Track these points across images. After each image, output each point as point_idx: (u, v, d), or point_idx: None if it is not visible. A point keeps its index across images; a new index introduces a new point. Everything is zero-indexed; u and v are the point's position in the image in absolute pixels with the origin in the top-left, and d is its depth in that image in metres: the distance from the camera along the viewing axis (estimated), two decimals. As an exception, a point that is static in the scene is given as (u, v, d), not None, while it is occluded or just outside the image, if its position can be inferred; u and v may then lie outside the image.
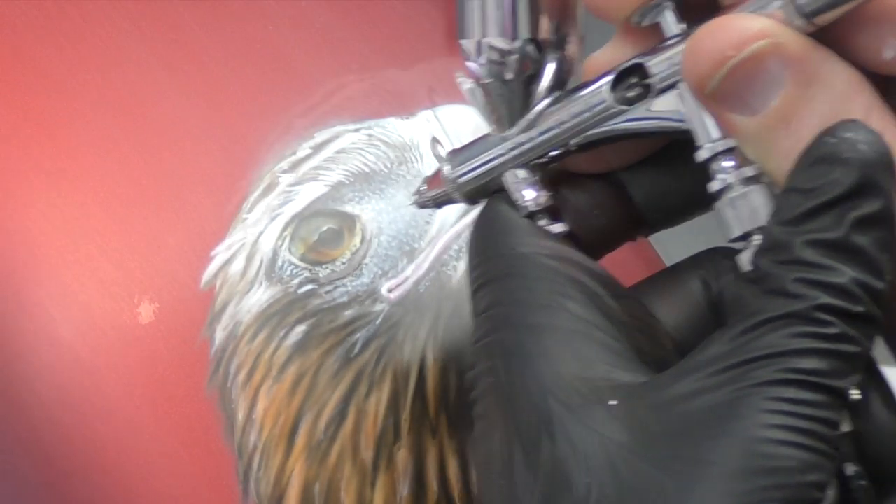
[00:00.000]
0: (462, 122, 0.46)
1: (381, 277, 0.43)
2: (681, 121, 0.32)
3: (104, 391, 0.40)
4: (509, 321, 0.32)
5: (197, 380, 0.41)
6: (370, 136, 0.46)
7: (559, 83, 0.35)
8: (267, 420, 0.41)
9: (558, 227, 0.35)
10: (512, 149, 0.35)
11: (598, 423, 0.29)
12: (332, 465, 0.41)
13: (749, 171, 0.31)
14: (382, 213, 0.44)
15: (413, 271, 0.44)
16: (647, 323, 0.35)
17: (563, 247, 0.34)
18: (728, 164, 0.31)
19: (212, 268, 0.43)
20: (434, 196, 0.38)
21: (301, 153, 0.45)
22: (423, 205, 0.38)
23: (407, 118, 0.46)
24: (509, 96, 0.35)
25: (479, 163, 0.36)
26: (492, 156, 0.36)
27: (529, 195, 0.35)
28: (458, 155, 0.36)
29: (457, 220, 0.44)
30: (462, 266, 0.44)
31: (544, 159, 0.35)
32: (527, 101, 0.35)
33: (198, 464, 0.40)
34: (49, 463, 0.40)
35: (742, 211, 0.31)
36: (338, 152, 0.45)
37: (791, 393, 0.27)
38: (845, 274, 0.28)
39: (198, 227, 0.44)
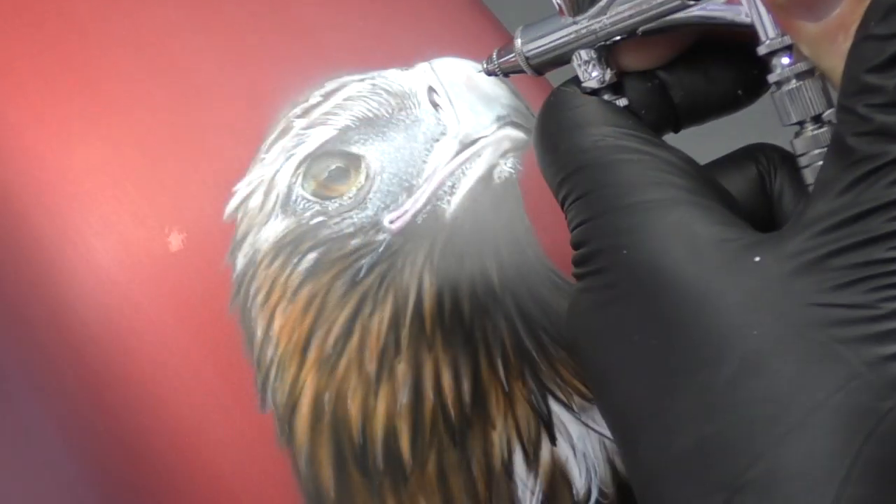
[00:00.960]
0: (455, 72, 0.45)
1: (384, 210, 0.42)
2: (741, 17, 0.31)
3: (138, 311, 0.39)
4: (620, 202, 0.30)
5: (220, 301, 0.40)
6: (374, 85, 0.44)
7: None
8: (282, 336, 0.40)
9: (622, 102, 0.34)
10: (582, 30, 0.34)
11: (751, 280, 0.28)
12: (340, 376, 0.40)
13: (804, 66, 0.31)
14: (385, 154, 0.43)
15: (412, 205, 0.43)
16: (731, 197, 0.33)
17: (641, 127, 0.32)
18: (785, 60, 0.31)
19: (234, 202, 0.42)
20: (504, 66, 0.36)
21: (312, 100, 0.44)
22: (490, 72, 0.37)
23: (406, 69, 0.45)
24: None
25: (549, 40, 0.35)
26: (562, 35, 0.34)
27: (596, 73, 0.34)
28: (529, 30, 0.35)
29: (450, 159, 0.43)
30: (456, 200, 0.43)
31: (610, 42, 0.34)
32: None
33: (221, 375, 0.39)
34: (90, 374, 0.39)
35: (798, 101, 0.31)
36: (345, 100, 0.44)
37: None
38: None
39: (221, 165, 0.42)
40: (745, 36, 0.32)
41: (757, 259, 0.28)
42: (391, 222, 0.42)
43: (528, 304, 0.43)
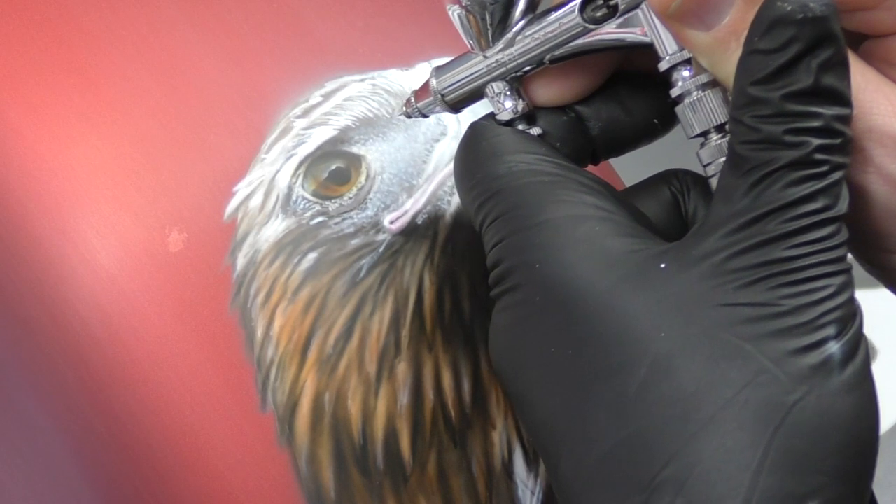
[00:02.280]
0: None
1: (384, 210, 0.42)
2: (642, 36, 0.32)
3: (138, 311, 0.39)
4: (532, 220, 0.31)
5: (221, 301, 0.40)
6: (374, 85, 0.44)
7: (532, 6, 0.34)
8: (282, 337, 0.40)
9: (536, 130, 0.35)
10: (492, 64, 0.35)
11: (657, 285, 0.29)
12: (340, 376, 0.40)
13: (704, 79, 0.31)
14: (385, 154, 0.43)
15: (412, 205, 0.43)
16: (643, 216, 0.34)
17: (555, 153, 0.33)
18: (686, 73, 0.32)
19: (234, 202, 0.42)
20: (422, 106, 0.37)
21: (313, 100, 0.44)
22: (410, 114, 0.38)
23: (406, 69, 0.45)
24: (489, 18, 0.34)
25: (462, 76, 0.36)
26: (474, 70, 0.35)
27: (509, 104, 0.35)
28: (443, 70, 0.36)
29: (450, 159, 0.43)
30: (456, 200, 0.43)
31: (521, 73, 0.35)
32: (504, 22, 0.34)
33: (221, 375, 0.39)
34: (89, 374, 0.39)
35: (700, 112, 0.32)
36: (345, 100, 0.44)
37: (810, 236, 0.27)
38: (824, 115, 0.27)
39: (221, 166, 0.42)
40: (655, 63, 0.33)
41: (662, 266, 0.29)
42: (391, 222, 0.42)
43: (528, 305, 0.43)
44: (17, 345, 0.41)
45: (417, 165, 0.43)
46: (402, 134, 0.43)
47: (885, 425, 0.87)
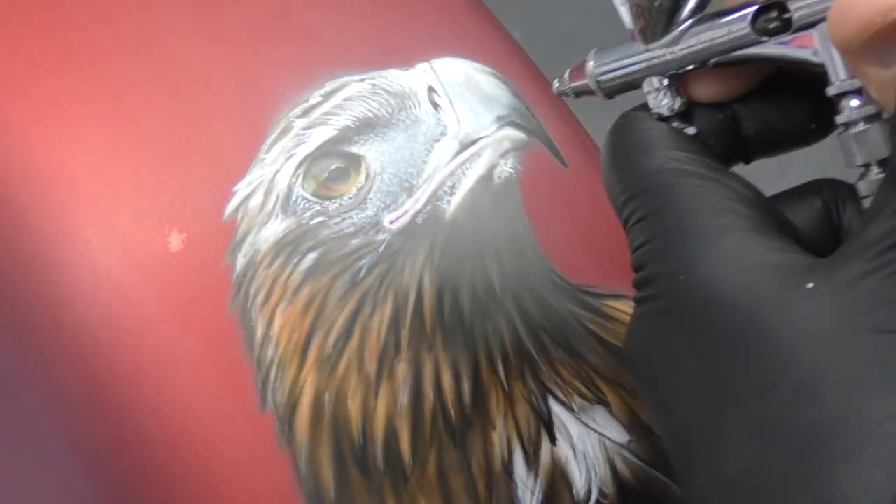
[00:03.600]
0: (455, 72, 0.44)
1: (384, 210, 0.42)
2: (813, 56, 0.32)
3: (139, 311, 0.39)
4: (679, 225, 0.31)
5: (221, 301, 0.40)
6: (374, 85, 0.44)
7: (700, 6, 0.33)
8: (282, 336, 0.40)
9: (691, 130, 0.34)
10: (654, 59, 0.34)
11: (805, 305, 0.27)
12: (340, 376, 0.40)
13: (872, 110, 0.31)
14: (385, 154, 0.43)
15: (412, 205, 0.43)
16: (793, 226, 0.33)
17: (707, 153, 0.32)
18: (854, 102, 0.31)
19: (234, 202, 0.41)
20: (575, 87, 0.36)
21: (312, 101, 0.44)
22: (562, 92, 0.37)
23: (406, 69, 0.45)
24: (657, 11, 0.33)
25: (621, 65, 0.35)
26: (635, 61, 0.35)
27: (666, 101, 0.34)
28: (602, 54, 0.35)
29: (450, 159, 0.43)
30: (456, 200, 0.43)
31: (681, 71, 0.34)
32: (670, 18, 0.33)
33: (222, 375, 0.39)
34: (89, 375, 0.39)
35: (864, 144, 0.31)
36: (345, 100, 0.44)
37: None
38: None
39: (222, 166, 0.42)
40: (817, 73, 0.32)
41: (810, 285, 0.28)
42: (391, 222, 0.42)
43: (528, 304, 0.43)
44: (17, 344, 0.41)
45: (417, 165, 0.43)
46: (401, 134, 0.43)
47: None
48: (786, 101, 0.34)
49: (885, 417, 0.26)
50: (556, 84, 0.37)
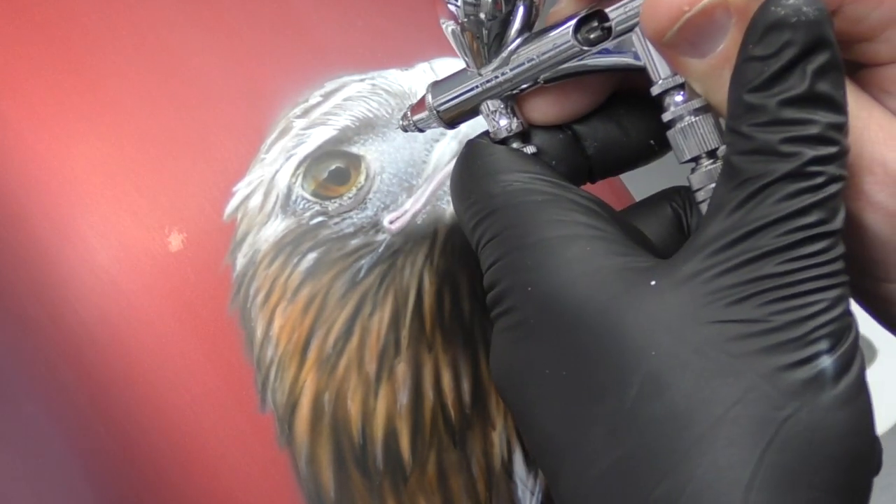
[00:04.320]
0: (455, 72, 0.44)
1: (383, 210, 0.42)
2: (635, 60, 0.32)
3: (138, 311, 0.39)
4: (525, 240, 0.31)
5: (220, 301, 0.40)
6: (373, 85, 0.44)
7: (528, 25, 0.34)
8: (282, 337, 0.40)
9: (531, 149, 0.35)
10: (487, 82, 0.35)
11: (649, 303, 0.28)
12: (340, 376, 0.40)
13: (696, 104, 0.31)
14: (384, 154, 0.43)
15: (412, 205, 0.43)
16: (639, 233, 0.34)
17: (549, 172, 0.33)
18: (678, 97, 0.32)
19: (233, 202, 0.41)
20: (417, 121, 0.37)
21: (312, 101, 0.44)
22: (406, 128, 0.38)
23: (406, 69, 0.45)
24: (485, 36, 0.34)
25: (457, 93, 0.36)
26: (469, 87, 0.35)
27: (503, 122, 0.35)
28: (439, 86, 0.36)
29: (450, 159, 0.43)
30: (455, 200, 0.43)
31: (516, 91, 0.35)
32: (500, 41, 0.34)
33: (221, 375, 0.39)
34: (89, 375, 0.39)
35: (692, 138, 0.31)
36: (345, 100, 0.44)
37: (804, 250, 0.27)
38: (819, 122, 0.27)
39: (221, 166, 0.42)
40: (648, 85, 0.32)
41: (653, 283, 0.29)
42: (391, 222, 0.42)
43: (527, 304, 0.43)
44: (17, 345, 0.41)
45: (417, 165, 0.43)
46: (401, 134, 0.43)
47: (885, 425, 0.87)
48: (625, 120, 0.35)
49: (733, 402, 0.27)
50: (399, 122, 0.38)
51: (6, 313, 0.41)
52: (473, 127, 0.42)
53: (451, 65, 0.44)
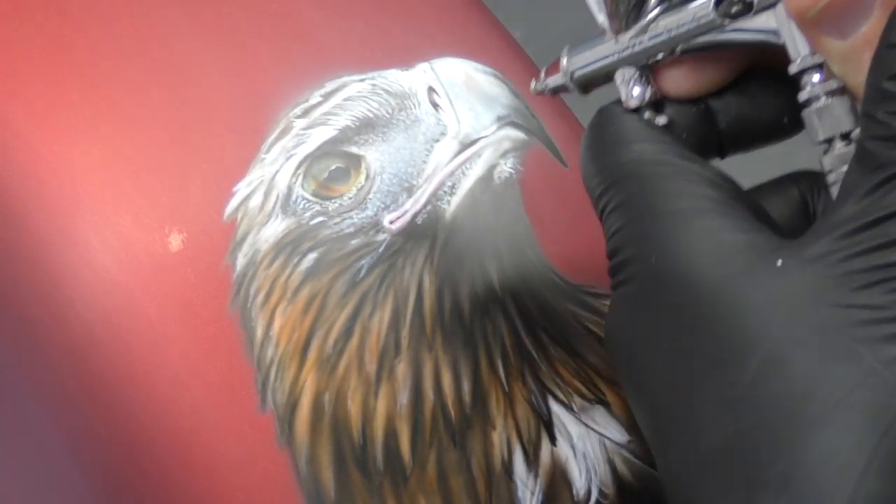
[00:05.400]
0: (455, 72, 0.44)
1: (384, 210, 0.42)
2: (775, 37, 0.32)
3: (138, 311, 0.39)
4: (651, 210, 0.31)
5: (220, 301, 0.40)
6: (374, 85, 0.44)
7: None
8: (282, 337, 0.40)
9: (662, 119, 0.34)
10: (624, 50, 0.34)
11: (773, 282, 0.28)
12: (340, 376, 0.40)
13: (834, 84, 0.31)
14: (385, 154, 0.43)
15: (412, 205, 0.42)
16: (766, 213, 0.34)
17: (680, 144, 0.33)
18: (815, 77, 0.31)
19: (234, 202, 0.41)
20: (551, 84, 0.37)
21: (312, 101, 0.44)
22: (539, 91, 0.37)
23: (406, 70, 0.45)
24: (626, 2, 0.34)
25: (593, 59, 0.35)
26: (606, 53, 0.35)
27: (637, 91, 0.35)
28: (575, 50, 0.36)
29: (450, 159, 0.43)
30: (456, 200, 0.43)
31: (651, 61, 0.34)
32: (639, 8, 0.34)
33: (221, 376, 0.39)
34: (89, 374, 0.39)
35: (827, 119, 0.31)
36: (345, 100, 0.43)
37: None
38: None
39: (221, 166, 0.42)
40: (785, 61, 0.32)
41: (779, 262, 0.28)
42: (391, 222, 0.42)
43: (528, 304, 0.43)
44: (17, 345, 0.41)
45: (417, 165, 0.43)
46: (401, 134, 0.43)
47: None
48: (759, 96, 0.35)
49: (853, 386, 0.26)
50: (533, 84, 0.38)
51: (7, 313, 0.41)
52: (479, 125, 0.42)
53: (452, 65, 0.44)
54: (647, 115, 0.35)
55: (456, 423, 0.41)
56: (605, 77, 0.36)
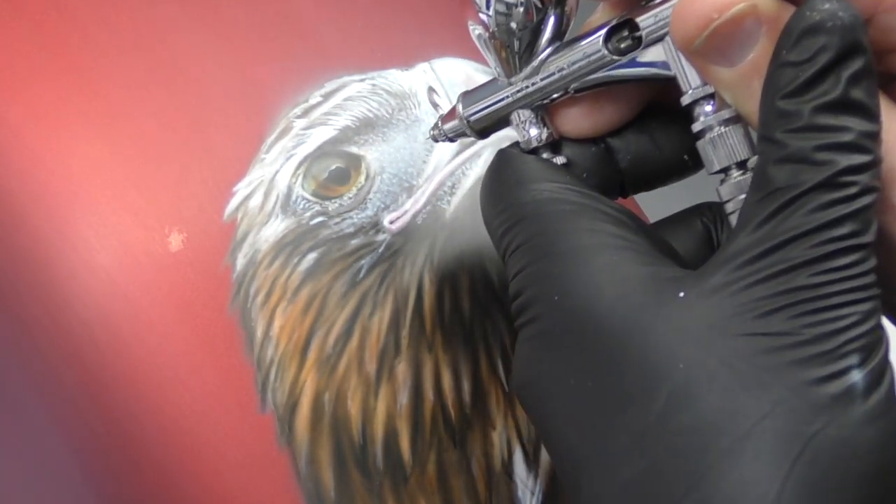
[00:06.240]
0: (455, 72, 0.44)
1: (384, 210, 0.42)
2: (666, 69, 0.32)
3: (138, 312, 0.39)
4: (553, 249, 0.31)
5: (220, 301, 0.40)
6: (374, 85, 0.44)
7: (559, 34, 0.34)
8: (282, 337, 0.40)
9: (560, 159, 0.34)
10: (517, 92, 0.34)
11: (676, 314, 0.28)
12: (340, 376, 0.40)
13: (727, 114, 0.31)
14: (384, 154, 0.43)
15: (412, 205, 0.42)
16: (668, 246, 0.34)
17: (578, 182, 0.33)
18: (708, 108, 0.31)
19: (234, 202, 0.41)
20: (448, 130, 0.37)
21: (312, 101, 0.44)
22: (436, 138, 0.37)
23: (406, 69, 0.45)
24: (515, 45, 0.33)
25: (488, 103, 0.35)
26: (500, 97, 0.35)
27: (534, 132, 0.34)
28: (469, 95, 0.36)
29: (450, 159, 0.43)
30: (455, 200, 0.43)
31: (547, 101, 0.34)
32: (531, 50, 0.33)
33: (221, 376, 0.39)
34: (89, 374, 0.39)
35: (721, 148, 0.31)
36: (345, 100, 0.44)
37: (835, 263, 0.27)
38: (852, 130, 0.27)
39: (222, 165, 0.42)
40: (680, 99, 0.32)
41: (681, 294, 0.28)
42: (391, 222, 0.42)
43: (527, 305, 0.43)
44: (17, 345, 0.41)
45: (417, 165, 0.43)
46: (401, 134, 0.43)
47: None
48: (660, 133, 0.35)
49: (762, 416, 0.26)
50: (430, 131, 0.38)
51: (6, 313, 0.41)
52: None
53: (452, 65, 0.45)
54: (545, 155, 0.34)
55: (456, 423, 0.41)
56: (501, 120, 0.35)
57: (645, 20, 0.32)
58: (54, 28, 0.43)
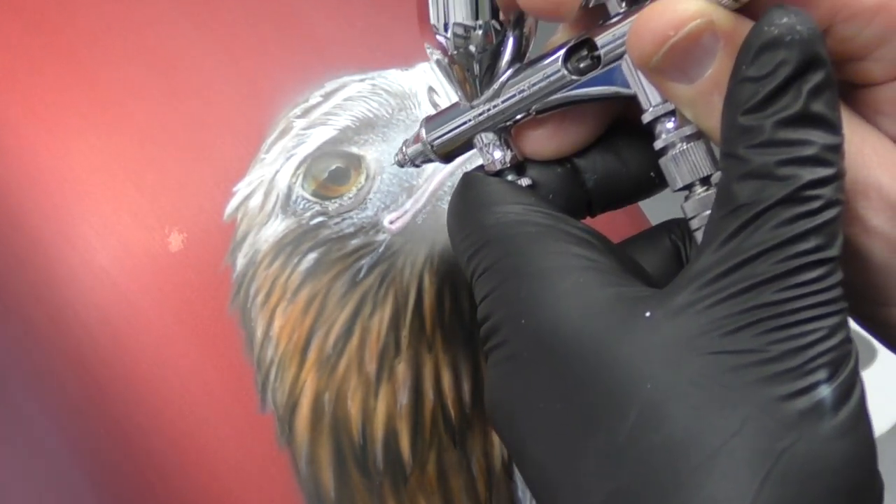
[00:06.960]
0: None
1: (384, 210, 0.42)
2: (627, 88, 0.32)
3: (138, 312, 0.39)
4: (520, 271, 0.31)
5: (220, 301, 0.40)
6: (374, 85, 0.44)
7: (519, 56, 0.34)
8: (282, 337, 0.40)
9: (525, 181, 0.34)
10: (479, 115, 0.34)
11: (643, 334, 0.28)
12: (340, 376, 0.40)
13: (688, 130, 0.31)
14: (385, 154, 0.43)
15: (412, 205, 0.42)
16: (636, 265, 0.34)
17: (544, 204, 0.33)
18: (669, 124, 0.31)
19: (234, 202, 0.41)
20: (412, 155, 0.37)
21: (312, 101, 0.44)
22: (402, 163, 0.37)
23: (406, 70, 0.45)
24: (475, 68, 0.33)
25: (450, 127, 0.35)
26: (462, 121, 0.35)
27: (497, 155, 0.34)
28: (432, 121, 0.36)
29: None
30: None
31: (509, 123, 0.34)
32: (491, 73, 0.33)
33: (221, 376, 0.39)
34: (89, 375, 0.39)
35: (684, 165, 0.31)
36: (345, 100, 0.44)
37: (801, 278, 0.26)
38: (815, 143, 0.27)
39: (221, 166, 0.42)
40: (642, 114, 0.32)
41: (648, 314, 0.28)
42: (391, 222, 0.42)
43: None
44: (17, 345, 0.41)
45: (417, 165, 0.43)
46: (401, 134, 0.43)
47: (885, 425, 0.87)
48: (625, 152, 0.35)
49: (731, 434, 0.26)
50: (395, 156, 0.38)
51: (6, 313, 0.41)
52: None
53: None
54: (510, 177, 0.34)
55: (456, 423, 0.41)
56: (465, 144, 0.35)
57: (603, 39, 0.32)
58: (55, 28, 0.43)
